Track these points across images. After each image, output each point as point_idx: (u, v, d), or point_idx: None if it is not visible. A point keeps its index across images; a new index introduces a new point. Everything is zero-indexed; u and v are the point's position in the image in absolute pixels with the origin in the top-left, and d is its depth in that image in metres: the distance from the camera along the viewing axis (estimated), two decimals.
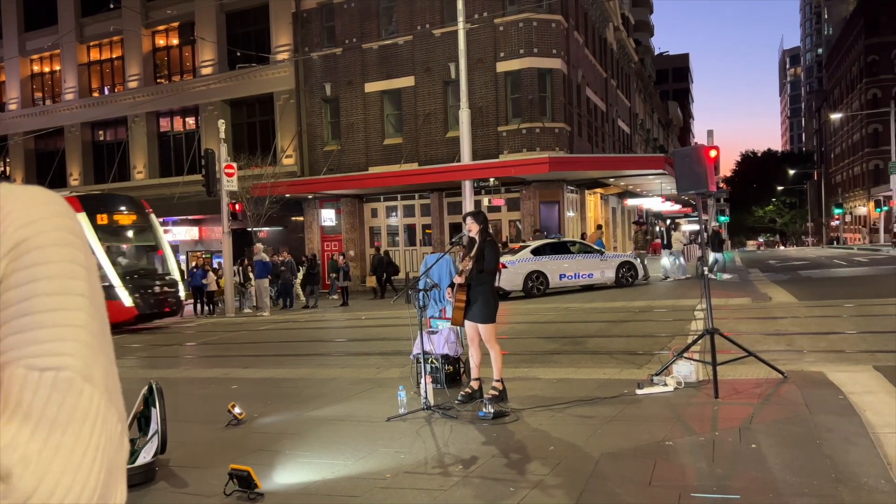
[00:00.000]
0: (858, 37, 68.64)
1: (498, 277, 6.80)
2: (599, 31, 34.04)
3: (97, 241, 16.70)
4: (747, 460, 4.59)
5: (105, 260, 16.71)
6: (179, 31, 31.05)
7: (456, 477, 4.64)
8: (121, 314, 16.60)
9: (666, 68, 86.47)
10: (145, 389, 5.50)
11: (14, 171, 34.76)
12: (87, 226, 16.07)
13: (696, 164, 6.81)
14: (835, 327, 10.46)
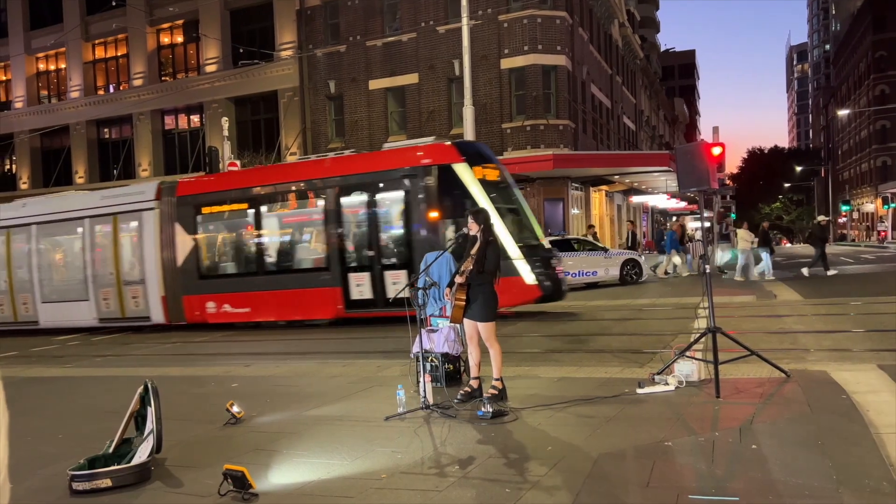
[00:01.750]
0: (866, 33, 68.18)
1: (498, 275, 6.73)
2: (604, 28, 33.89)
3: (486, 199, 13.11)
4: (748, 461, 4.53)
5: (500, 224, 13.00)
6: (184, 29, 31.07)
7: (452, 478, 4.59)
8: (520, 294, 13.01)
9: (672, 65, 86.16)
10: (141, 388, 5.48)
11: (20, 168, 34.87)
12: (471, 181, 13.25)
13: (698, 161, 6.73)
14: (840, 325, 10.38)
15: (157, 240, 16.44)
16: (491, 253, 6.48)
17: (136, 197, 17.15)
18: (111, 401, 7.64)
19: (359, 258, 14.55)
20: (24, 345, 15.81)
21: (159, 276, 16.46)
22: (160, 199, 16.56)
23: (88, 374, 10.68)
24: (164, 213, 16.43)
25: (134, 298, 16.91)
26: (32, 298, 18.23)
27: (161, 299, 16.48)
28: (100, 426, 6.39)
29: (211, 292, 16.00)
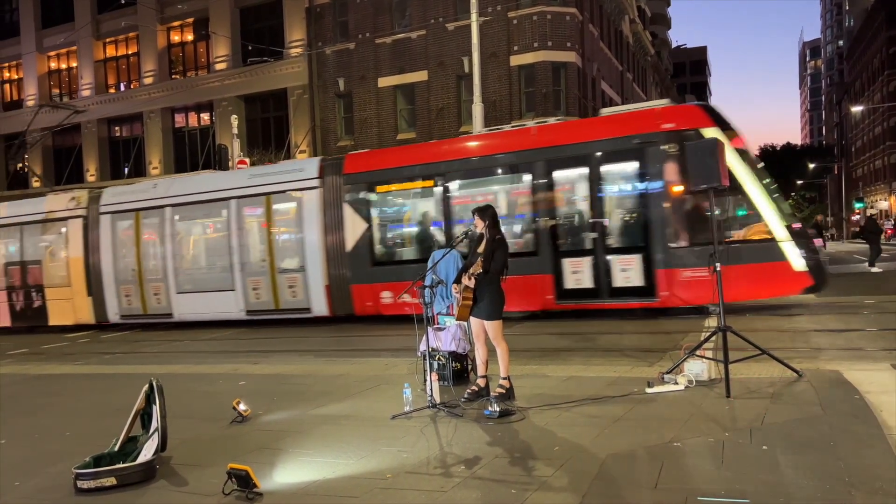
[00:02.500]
0: (880, 28, 67.50)
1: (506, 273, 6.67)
2: (615, 24, 33.71)
3: (746, 172, 11.59)
4: (758, 462, 4.46)
5: (763, 200, 11.49)
6: (194, 27, 31.15)
7: (457, 478, 4.54)
8: (786, 283, 11.54)
9: (683, 61, 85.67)
10: (147, 386, 5.46)
11: (32, 166, 35.08)
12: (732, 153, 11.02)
13: (709, 158, 6.65)
14: (853, 324, 10.25)
15: (321, 222, 14.82)
16: (499, 251, 6.42)
17: (293, 175, 15.39)
18: (119, 398, 7.64)
19: (575, 241, 12.87)
20: (35, 342, 15.90)
21: (322, 263, 14.78)
22: (323, 177, 14.88)
23: (97, 372, 10.71)
24: (329, 193, 14.79)
25: (291, 288, 15.12)
26: (165, 288, 16.69)
27: (325, 289, 14.77)
28: (107, 424, 6.38)
29: (388, 280, 14.03)
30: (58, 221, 18.02)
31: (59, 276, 18.08)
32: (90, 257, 17.52)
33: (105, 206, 17.50)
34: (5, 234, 18.98)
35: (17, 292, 18.63)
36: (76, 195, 18.07)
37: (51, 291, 18.16)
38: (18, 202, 19.81)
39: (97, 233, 17.44)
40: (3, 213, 19.05)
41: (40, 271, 18.36)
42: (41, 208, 18.39)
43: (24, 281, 18.55)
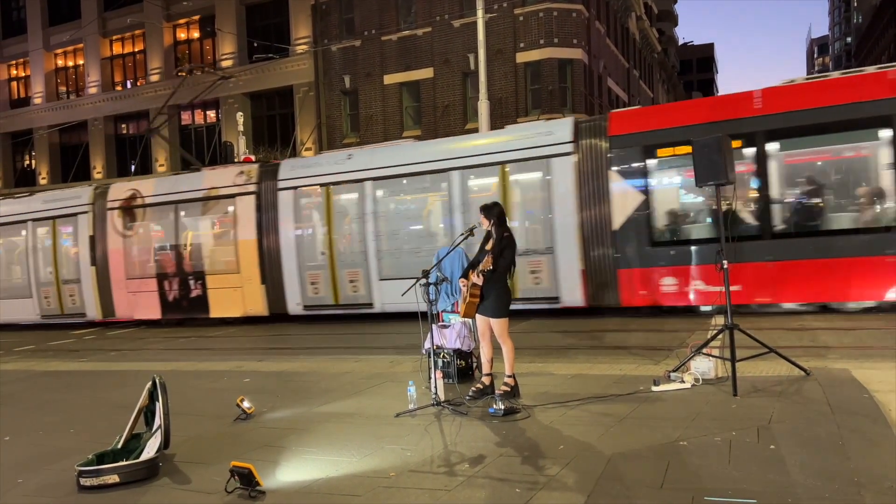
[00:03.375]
0: (888, 25, 67.04)
1: (513, 271, 6.63)
2: (621, 21, 33.58)
3: None
4: (765, 462, 4.41)
5: None
6: (200, 25, 31.16)
7: (461, 477, 4.51)
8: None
9: (690, 58, 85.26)
10: (150, 384, 5.45)
11: (39, 164, 35.17)
12: None
13: (716, 155, 6.58)
14: (861, 323, 10.17)
15: (575, 194, 12.49)
16: (507, 249, 6.39)
17: (538, 139, 12.92)
18: (124, 395, 7.63)
19: None
20: (42, 339, 15.94)
21: (577, 243, 12.51)
22: (578, 141, 12.52)
23: (103, 369, 10.72)
24: (587, 159, 12.48)
25: (534, 274, 12.84)
26: (365, 274, 14.45)
27: (580, 274, 12.49)
28: (111, 421, 6.38)
29: (673, 264, 11.89)
30: (222, 199, 15.83)
31: (224, 262, 15.93)
32: (264, 239, 15.37)
33: (285, 182, 15.23)
34: (157, 213, 16.89)
35: (171, 280, 16.45)
36: (245, 169, 15.87)
37: (214, 279, 15.97)
38: (171, 177, 18.11)
39: (274, 211, 15.26)
40: (153, 190, 16.94)
41: (200, 256, 16.32)
42: (200, 184, 16.25)
43: (179, 267, 16.40)
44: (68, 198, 18.15)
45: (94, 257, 17.37)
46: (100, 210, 17.42)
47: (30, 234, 18.53)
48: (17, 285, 18.91)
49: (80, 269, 17.67)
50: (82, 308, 17.72)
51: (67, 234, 18.04)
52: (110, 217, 17.24)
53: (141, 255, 17.01)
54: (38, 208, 18.46)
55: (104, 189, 17.84)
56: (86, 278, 17.54)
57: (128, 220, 17.12)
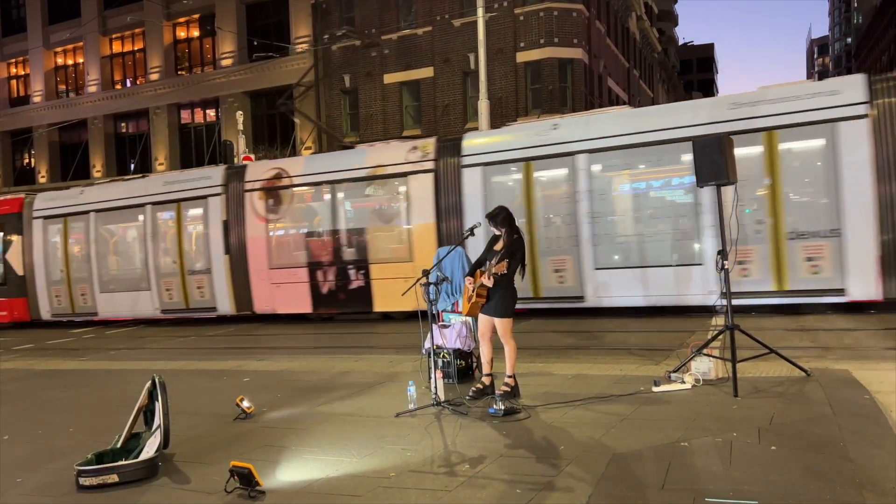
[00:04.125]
0: (889, 26, 67.01)
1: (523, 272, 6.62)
2: (622, 21, 33.56)
3: None
4: (766, 463, 4.40)
5: None
6: (200, 23, 31.14)
7: (462, 477, 4.50)
8: None
9: (690, 58, 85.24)
10: (149, 383, 5.44)
11: (39, 162, 35.15)
12: None
13: (717, 155, 6.57)
14: (861, 324, 10.16)
15: (870, 164, 10.67)
16: (518, 251, 6.38)
17: (813, 101, 11.07)
18: (123, 394, 7.62)
19: None
20: (41, 338, 15.93)
21: (872, 223, 10.68)
22: (873, 101, 10.77)
23: (102, 368, 10.70)
24: (889, 123, 10.64)
25: (810, 262, 11.03)
26: (576, 263, 12.68)
27: (877, 261, 10.63)
28: (111, 420, 6.36)
29: None
30: (391, 178, 14.15)
31: (393, 249, 14.19)
32: (443, 223, 13.59)
33: (470, 157, 13.48)
34: (308, 195, 15.20)
35: (326, 270, 14.64)
36: (419, 144, 14.22)
37: (379, 269, 14.14)
38: (323, 155, 16.54)
39: (457, 191, 13.50)
40: (303, 169, 15.27)
41: (362, 243, 14.47)
42: (362, 162, 14.51)
43: (336, 255, 14.63)
44: (196, 178, 16.46)
45: (229, 245, 15.63)
46: (235, 192, 15.63)
47: (148, 219, 16.79)
48: (132, 276, 17.14)
49: (210, 257, 15.89)
50: (212, 301, 15.96)
51: (195, 219, 16.34)
52: (249, 199, 15.44)
53: (287, 241, 15.33)
54: (158, 190, 16.77)
55: (240, 169, 16.17)
56: (218, 268, 15.73)
57: (271, 202, 15.27)
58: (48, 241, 18.42)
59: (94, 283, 17.59)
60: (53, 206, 18.42)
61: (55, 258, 18.28)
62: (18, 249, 18.73)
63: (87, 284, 17.73)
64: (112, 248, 17.82)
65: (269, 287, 15.24)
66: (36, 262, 18.47)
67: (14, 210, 18.94)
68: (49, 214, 18.37)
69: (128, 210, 17.25)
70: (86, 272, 17.71)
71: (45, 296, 18.39)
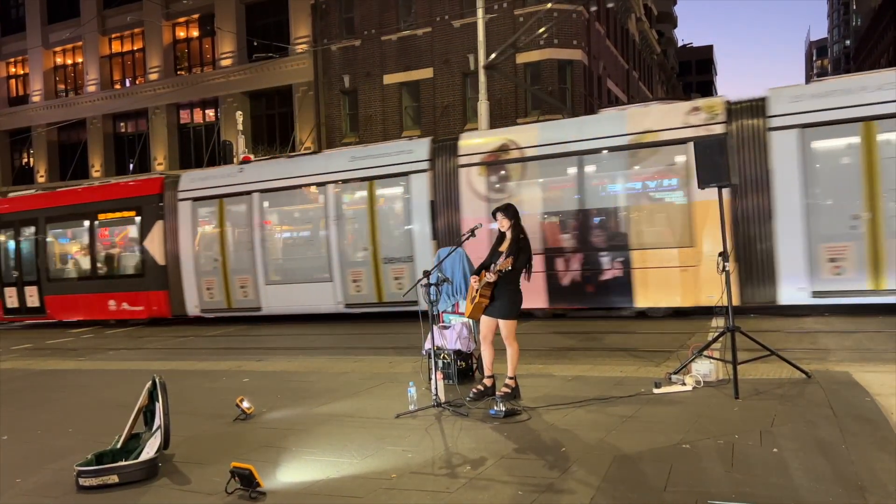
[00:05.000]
0: (888, 28, 67.09)
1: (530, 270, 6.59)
2: (621, 22, 33.58)
3: None
4: (768, 465, 4.39)
5: None
6: (199, 23, 31.12)
7: (463, 478, 4.49)
8: None
9: (689, 60, 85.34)
10: (150, 383, 5.42)
11: (38, 162, 35.10)
12: None
13: (718, 156, 6.57)
14: (861, 326, 10.16)
15: None
16: (524, 249, 6.37)
17: None
18: (123, 394, 7.60)
19: None
20: (39, 337, 15.90)
21: None
22: None
23: (101, 368, 10.68)
24: None
25: None
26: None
27: None
28: (110, 420, 6.35)
29: None
30: (665, 146, 11.86)
31: (664, 232, 12.00)
32: (741, 201, 11.33)
33: (781, 118, 11.09)
34: (546, 169, 13.02)
35: (569, 258, 12.54)
36: (701, 104, 11.85)
37: (644, 256, 12.00)
38: (563, 122, 13.80)
39: (761, 159, 11.18)
40: (537, 139, 12.98)
41: (620, 224, 12.37)
42: (621, 127, 12.21)
43: (583, 241, 12.53)
44: (393, 153, 14.34)
45: (436, 228, 13.59)
46: (445, 167, 13.64)
47: (330, 200, 14.74)
48: (308, 266, 15.08)
49: (412, 243, 13.84)
50: (413, 294, 14.62)
51: (392, 200, 14.48)
52: (465, 176, 13.38)
53: None
54: (343, 167, 14.70)
55: (450, 142, 13.99)
56: (422, 256, 13.53)
57: (495, 178, 13.21)
58: (198, 226, 16.33)
59: (258, 273, 15.37)
60: (205, 187, 16.21)
61: (208, 246, 16.22)
62: (159, 236, 16.56)
63: (248, 275, 15.53)
64: (282, 234, 15.89)
65: None
66: (182, 251, 16.33)
67: (153, 191, 16.84)
68: (200, 196, 16.19)
69: (302, 190, 15.24)
70: (247, 261, 15.53)
71: (192, 289, 16.22)
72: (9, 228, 19.16)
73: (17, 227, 18.99)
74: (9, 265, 19.14)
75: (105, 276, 17.59)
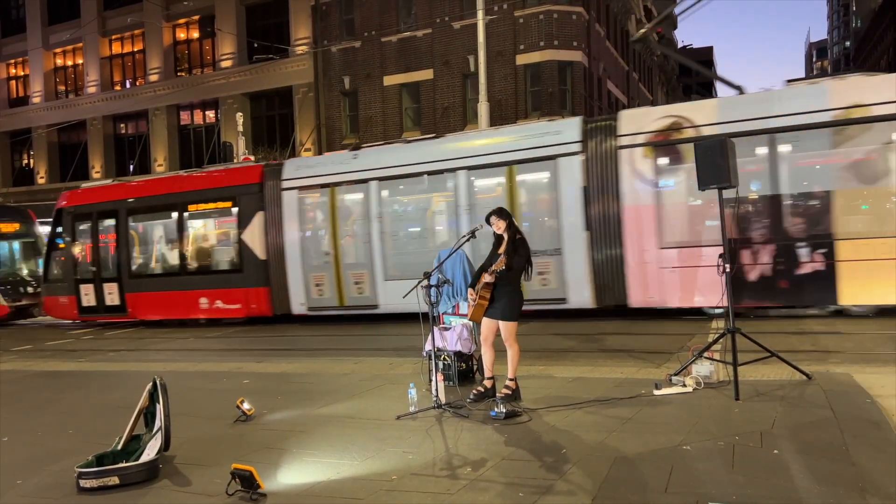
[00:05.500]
0: (887, 29, 67.11)
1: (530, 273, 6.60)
2: (621, 24, 33.60)
3: None
4: (769, 467, 4.39)
5: None
6: (199, 25, 31.13)
7: (464, 480, 4.49)
8: None
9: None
10: (150, 385, 5.42)
11: (38, 163, 35.11)
12: None
13: (719, 158, 6.57)
14: (861, 327, 10.16)
15: None
16: (521, 249, 6.37)
17: None
18: (123, 396, 7.60)
19: None
20: (39, 338, 15.89)
21: None
22: None
23: (102, 369, 10.67)
24: None
25: None
26: None
27: None
28: (111, 422, 6.35)
29: None
30: (876, 122, 10.60)
31: (879, 220, 10.64)
32: None
33: None
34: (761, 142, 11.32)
35: (757, 250, 11.31)
36: None
37: (851, 247, 10.66)
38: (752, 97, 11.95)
39: None
40: (715, 116, 11.63)
41: (821, 212, 10.96)
42: (821, 102, 10.91)
43: (775, 230, 11.20)
44: (537, 135, 12.96)
45: (590, 218, 12.32)
46: (601, 149, 12.31)
47: (461, 188, 13.45)
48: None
49: (560, 234, 12.58)
50: (560, 291, 12.56)
51: (536, 186, 13.26)
52: (627, 158, 12.07)
53: (693, 212, 11.84)
54: (477, 151, 13.48)
55: (606, 121, 12.66)
56: (573, 248, 12.40)
57: (664, 161, 11.95)
58: (306, 217, 15.16)
59: (376, 268, 14.21)
60: (314, 175, 15.02)
61: (317, 238, 15.05)
62: (259, 228, 15.40)
63: (364, 270, 14.34)
64: (403, 226, 14.59)
65: (656, 272, 11.83)
66: (287, 244, 15.12)
67: (252, 180, 15.71)
68: (308, 184, 15.00)
69: (427, 177, 13.95)
70: (364, 255, 14.39)
71: (299, 285, 15.00)
72: (85, 221, 17.78)
73: (95, 219, 17.62)
74: (85, 261, 17.79)
75: (196, 271, 16.47)
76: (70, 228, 17.92)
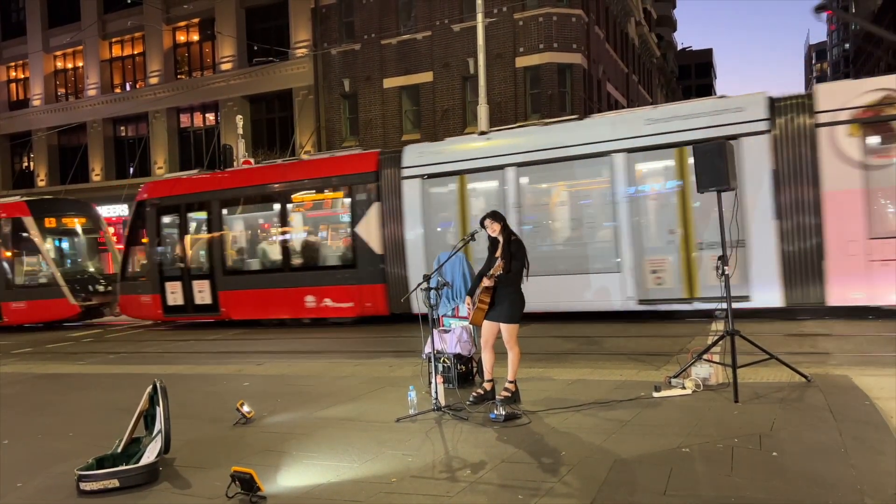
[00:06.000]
0: (887, 30, 67.21)
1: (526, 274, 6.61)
2: (621, 26, 33.65)
3: None
4: (768, 469, 4.40)
5: None
6: (200, 27, 31.17)
7: (463, 482, 4.49)
8: None
9: (688, 63, 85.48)
10: (150, 388, 5.43)
11: (38, 166, 35.13)
12: None
13: (719, 160, 6.59)
14: (861, 329, 10.17)
15: None
16: (518, 251, 6.39)
17: None
18: (123, 398, 7.60)
19: None
20: (39, 341, 15.89)
21: None
22: None
23: (102, 372, 10.68)
24: None
25: None
26: None
27: None
28: (111, 424, 6.35)
29: None
30: None
31: None
32: None
33: None
34: None
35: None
36: None
37: None
38: None
39: None
40: None
41: None
42: None
43: None
44: (711, 112, 11.72)
45: (780, 205, 11.21)
46: (793, 128, 11.21)
47: (619, 174, 12.31)
48: (588, 254, 12.76)
49: (743, 223, 10.76)
50: (742, 287, 11.15)
51: None
52: (827, 137, 10.97)
53: None
54: (638, 132, 12.21)
55: (797, 99, 11.51)
56: (760, 239, 11.22)
57: (875, 140, 10.89)
58: (430, 207, 14.00)
59: None
60: (439, 162, 13.87)
61: (444, 231, 14.02)
62: (375, 220, 14.29)
63: None
64: (545, 216, 13.55)
65: (863, 265, 10.68)
66: (407, 237, 13.98)
67: (366, 169, 14.59)
68: (433, 172, 13.85)
69: (576, 162, 12.74)
70: None
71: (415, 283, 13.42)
72: (171, 213, 16.68)
73: (184, 211, 16.46)
74: (172, 257, 16.76)
75: (301, 267, 15.26)
76: (154, 222, 16.76)
